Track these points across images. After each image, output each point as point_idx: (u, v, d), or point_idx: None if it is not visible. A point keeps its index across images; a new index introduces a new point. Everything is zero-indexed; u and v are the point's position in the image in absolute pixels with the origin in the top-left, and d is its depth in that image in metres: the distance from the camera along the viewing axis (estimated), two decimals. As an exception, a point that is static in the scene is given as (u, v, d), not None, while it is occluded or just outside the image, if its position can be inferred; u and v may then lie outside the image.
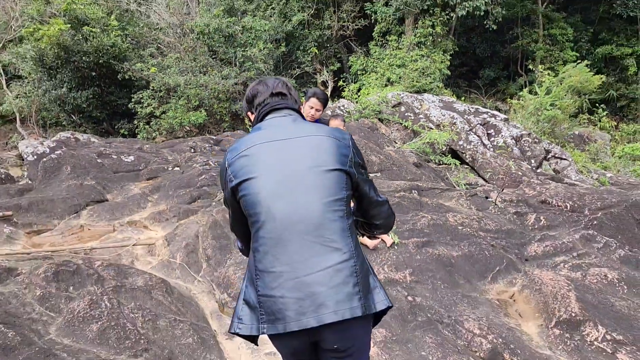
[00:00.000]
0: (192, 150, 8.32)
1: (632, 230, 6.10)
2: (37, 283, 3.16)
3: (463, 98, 18.77)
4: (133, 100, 15.68)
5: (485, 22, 19.05)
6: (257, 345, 2.04)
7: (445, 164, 9.83)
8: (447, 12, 17.87)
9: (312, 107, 4.98)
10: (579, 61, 14.69)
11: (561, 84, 13.59)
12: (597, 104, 16.58)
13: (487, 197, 6.70)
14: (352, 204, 2.00)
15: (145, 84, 16.15)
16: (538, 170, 10.58)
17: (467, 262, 4.57)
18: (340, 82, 12.98)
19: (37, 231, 5.16)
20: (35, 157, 6.94)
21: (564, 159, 11.48)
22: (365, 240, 4.43)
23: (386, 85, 16.78)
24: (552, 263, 4.85)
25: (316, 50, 19.05)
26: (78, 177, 6.50)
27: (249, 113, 2.12)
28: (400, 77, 17.38)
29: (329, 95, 15.43)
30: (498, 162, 10.06)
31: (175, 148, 8.49)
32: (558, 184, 7.55)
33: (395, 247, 4.43)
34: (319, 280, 1.70)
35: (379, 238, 4.58)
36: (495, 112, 12.63)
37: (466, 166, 10.34)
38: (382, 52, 18.92)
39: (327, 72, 15.15)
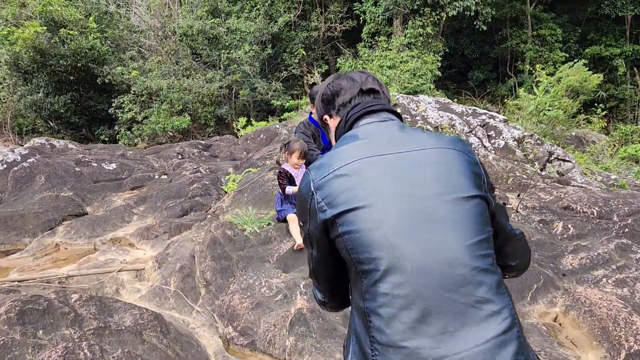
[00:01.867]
0: (180, 156, 7.67)
1: (664, 237, 5.63)
2: (-2, 325, 2.52)
3: (455, 100, 18.40)
4: (113, 105, 15.08)
5: (474, 23, 18.77)
6: None
7: (448, 167, 9.31)
8: (437, 12, 17.48)
9: None
10: (576, 60, 14.34)
11: (558, 83, 13.21)
12: (594, 105, 16.29)
13: (504, 204, 6.17)
14: None
15: (126, 88, 15.53)
16: (542, 173, 10.12)
17: (502, 280, 4.01)
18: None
19: (5, 252, 4.48)
20: (4, 166, 6.22)
21: (568, 161, 11.05)
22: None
23: (377, 87, 16.27)
24: (592, 278, 4.32)
25: (303, 52, 18.53)
26: (53, 187, 5.80)
27: (327, 116, 1.60)
28: (391, 79, 16.92)
29: (309, 93, 14.81)
30: (501, 165, 9.57)
31: (161, 154, 7.82)
32: (576, 188, 7.07)
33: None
34: None
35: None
36: (494, 114, 12.21)
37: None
38: (372, 54, 18.44)
39: (319, 72, 14.58)
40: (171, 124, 14.61)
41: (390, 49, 17.86)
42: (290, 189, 4.06)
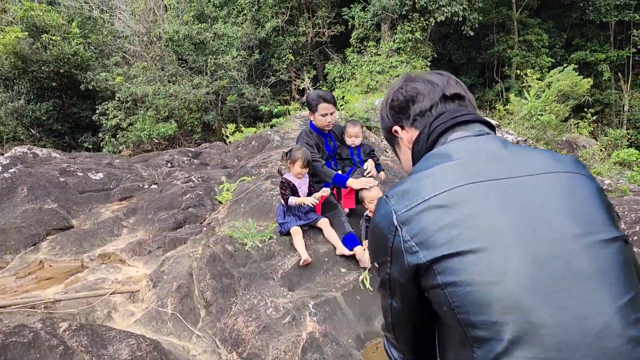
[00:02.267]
0: (169, 164, 7.37)
1: (671, 244, 5.49)
2: (-23, 361, 2.24)
3: (445, 105, 18.35)
4: (97, 111, 14.75)
5: (462, 29, 18.80)
6: None
7: (444, 174, 9.13)
8: (425, 17, 17.43)
9: (325, 114, 4.16)
10: (566, 65, 14.34)
11: (549, 88, 13.17)
12: (583, 110, 16.37)
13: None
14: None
15: (111, 94, 15.20)
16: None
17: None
18: (325, 88, 12.23)
19: (-15, 270, 4.16)
20: (-16, 177, 5.87)
21: (562, 166, 10.91)
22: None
23: (367, 92, 16.16)
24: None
25: (292, 57, 18.35)
26: (36, 199, 5.48)
27: (397, 128, 1.31)
28: (381, 84, 16.80)
29: (305, 99, 14.64)
30: (496, 170, 9.41)
31: (150, 162, 7.51)
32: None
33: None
34: None
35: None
36: (486, 119, 12.08)
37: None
38: (360, 59, 18.31)
39: (308, 78, 14.39)
40: (157, 130, 14.30)
41: (379, 54, 17.75)
42: (293, 200, 3.83)
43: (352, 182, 3.97)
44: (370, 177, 4.17)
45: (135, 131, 14.30)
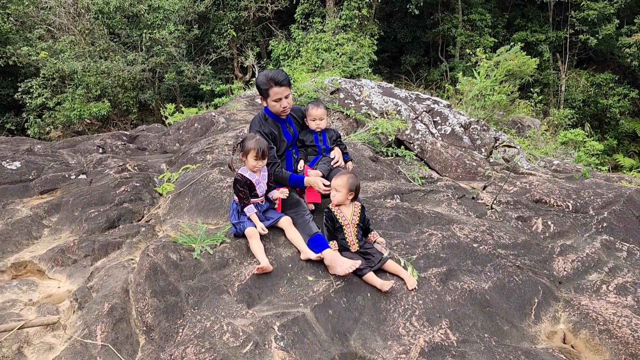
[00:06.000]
0: (101, 150, 6.56)
1: (638, 230, 5.35)
2: None
3: (394, 83, 18.07)
4: (20, 89, 13.43)
5: (407, 7, 18.49)
6: None
7: (399, 156, 8.79)
8: (372, -7, 16.99)
9: (279, 99, 3.54)
10: (513, 44, 14.28)
11: (497, 67, 13.07)
12: (526, 90, 16.52)
13: (473, 198, 5.67)
14: None
15: (35, 70, 13.88)
16: (491, 160, 9.87)
17: (501, 296, 3.44)
18: (270, 66, 11.56)
19: None
20: None
21: (512, 147, 10.90)
22: (370, 277, 3.15)
23: (314, 71, 15.56)
24: (590, 285, 3.86)
25: (233, 33, 17.42)
26: (-64, 195, 4.60)
27: None
28: (327, 62, 16.24)
29: (255, 82, 13.86)
30: (449, 152, 9.20)
31: (78, 148, 6.65)
32: (539, 178, 6.71)
33: (416, 287, 3.19)
34: None
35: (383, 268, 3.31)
36: (438, 99, 11.89)
37: (414, 157, 9.40)
38: (306, 36, 17.65)
39: (253, 55, 13.62)
40: (88, 110, 13.19)
41: (325, 31, 17.15)
42: (252, 210, 3.25)
43: (309, 180, 3.47)
44: (337, 167, 3.66)
45: (64, 111, 13.15)
